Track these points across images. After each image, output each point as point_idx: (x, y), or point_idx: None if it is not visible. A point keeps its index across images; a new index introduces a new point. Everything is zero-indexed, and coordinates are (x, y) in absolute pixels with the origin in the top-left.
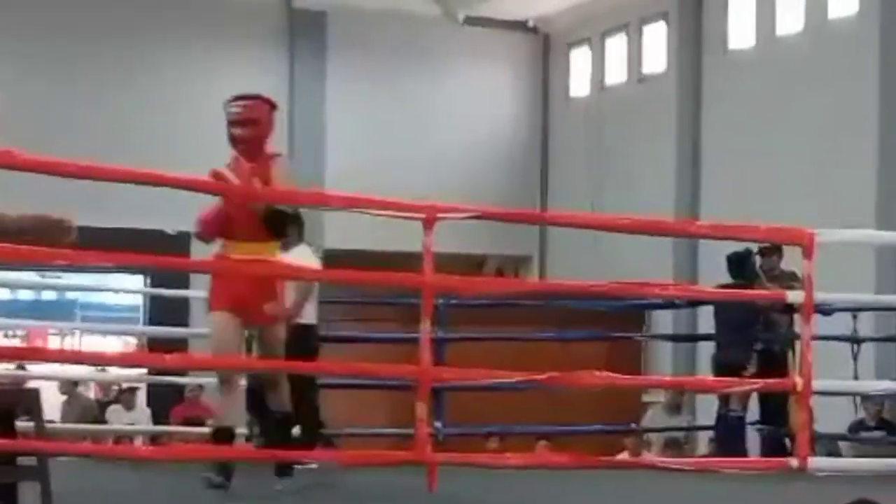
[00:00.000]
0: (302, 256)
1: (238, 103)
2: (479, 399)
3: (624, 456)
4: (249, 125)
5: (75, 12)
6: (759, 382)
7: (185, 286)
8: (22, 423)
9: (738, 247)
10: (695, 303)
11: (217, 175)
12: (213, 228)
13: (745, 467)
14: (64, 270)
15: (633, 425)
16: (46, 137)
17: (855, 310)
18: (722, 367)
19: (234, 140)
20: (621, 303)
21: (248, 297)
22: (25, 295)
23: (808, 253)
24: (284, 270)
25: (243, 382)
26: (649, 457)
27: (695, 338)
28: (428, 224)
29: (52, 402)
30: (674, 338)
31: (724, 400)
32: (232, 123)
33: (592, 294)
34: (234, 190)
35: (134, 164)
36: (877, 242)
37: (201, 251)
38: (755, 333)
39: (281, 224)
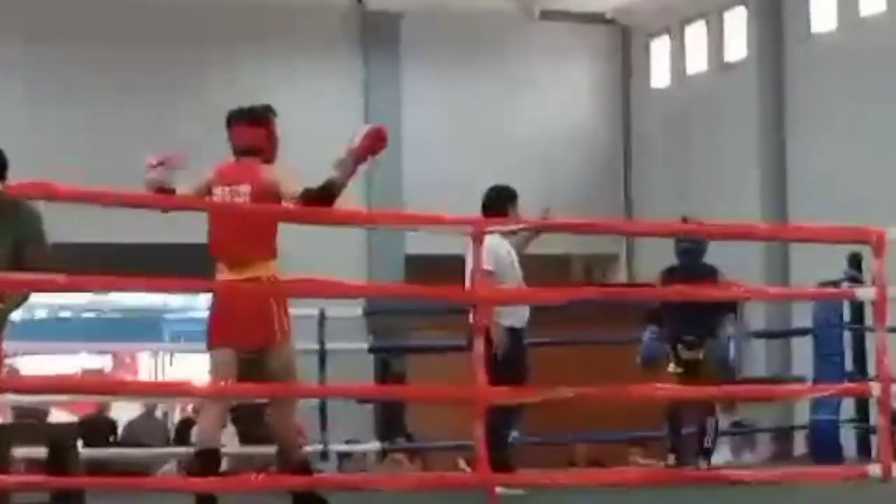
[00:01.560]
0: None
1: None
2: (560, 403)
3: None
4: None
5: (143, 22)
6: (833, 388)
7: None
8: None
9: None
10: None
11: None
12: None
13: (823, 477)
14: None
15: None
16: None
17: None
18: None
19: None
20: None
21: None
22: (113, 312)
23: (877, 251)
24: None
25: None
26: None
27: (787, 333)
28: (476, 237)
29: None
30: (765, 335)
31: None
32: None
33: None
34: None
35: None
36: None
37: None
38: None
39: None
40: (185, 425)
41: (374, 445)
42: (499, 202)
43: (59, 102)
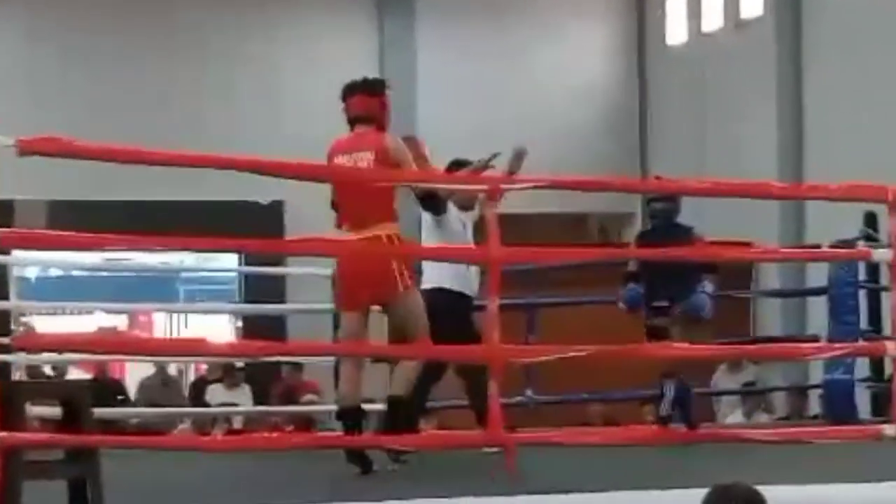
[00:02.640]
0: None
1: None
2: (575, 363)
3: None
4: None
5: None
6: (848, 347)
7: (281, 263)
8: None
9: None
10: None
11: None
12: None
13: (837, 435)
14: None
15: None
16: (123, 118)
17: None
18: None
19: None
20: None
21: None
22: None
23: (893, 210)
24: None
25: None
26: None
27: (803, 293)
28: (492, 196)
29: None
30: (780, 293)
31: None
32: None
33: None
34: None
35: (223, 139)
36: None
37: (296, 222)
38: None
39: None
40: (200, 385)
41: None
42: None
43: (59, 68)
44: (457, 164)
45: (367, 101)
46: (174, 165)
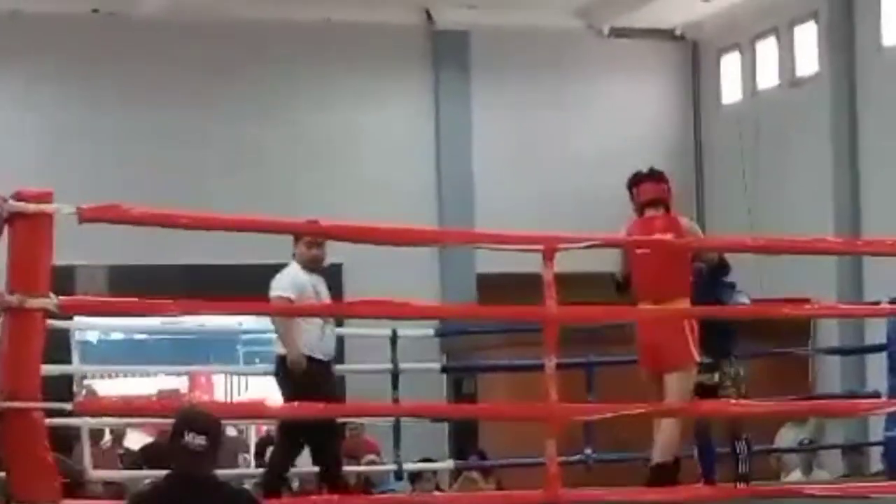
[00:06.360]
0: None
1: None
2: (633, 420)
3: None
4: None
5: (205, 46)
6: None
7: (340, 324)
8: None
9: None
10: None
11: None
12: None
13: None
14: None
15: None
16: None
17: None
18: None
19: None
20: None
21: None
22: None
23: None
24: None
25: None
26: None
27: (862, 350)
28: (548, 255)
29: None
30: (839, 351)
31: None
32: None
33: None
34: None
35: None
36: None
37: (353, 284)
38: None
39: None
40: (264, 444)
41: (448, 464)
42: None
43: (121, 118)
44: None
45: (657, 187)
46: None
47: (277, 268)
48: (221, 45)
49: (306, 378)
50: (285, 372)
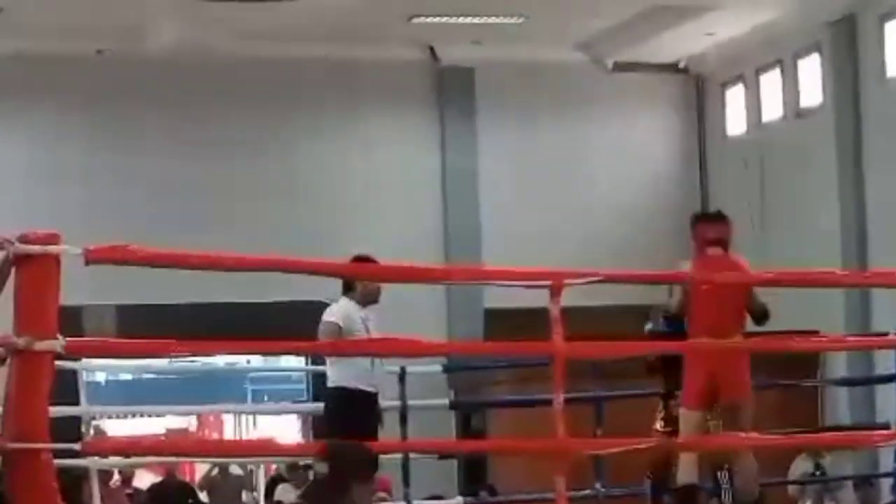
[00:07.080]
0: None
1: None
2: (643, 454)
3: None
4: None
5: (207, 86)
6: None
7: None
8: None
9: None
10: None
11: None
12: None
13: None
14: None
15: None
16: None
17: None
18: None
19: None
20: None
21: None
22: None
23: None
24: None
25: None
26: None
27: (871, 381)
28: (555, 291)
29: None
30: (848, 382)
31: None
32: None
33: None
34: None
35: (294, 237)
36: None
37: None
38: None
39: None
40: (273, 483)
41: (458, 501)
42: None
43: (126, 160)
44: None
45: (719, 227)
46: (256, 270)
47: (285, 305)
48: (223, 86)
49: (350, 410)
50: (335, 404)
